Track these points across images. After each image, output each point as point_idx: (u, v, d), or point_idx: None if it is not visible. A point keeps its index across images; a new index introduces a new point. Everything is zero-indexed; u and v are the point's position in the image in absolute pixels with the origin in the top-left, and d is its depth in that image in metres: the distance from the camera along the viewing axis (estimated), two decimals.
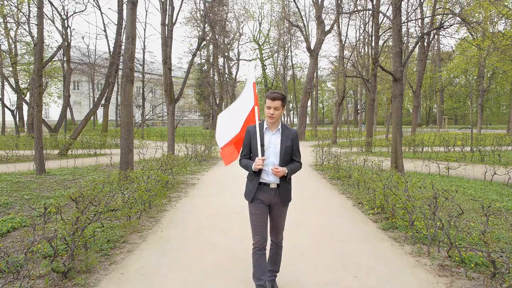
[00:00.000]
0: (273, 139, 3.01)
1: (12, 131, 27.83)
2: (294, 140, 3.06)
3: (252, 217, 3.06)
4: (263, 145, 2.98)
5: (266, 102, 2.94)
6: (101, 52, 28.40)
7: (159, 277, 3.54)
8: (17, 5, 15.73)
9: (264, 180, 3.01)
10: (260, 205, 3.03)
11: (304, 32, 25.08)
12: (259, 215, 3.04)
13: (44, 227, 3.79)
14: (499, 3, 11.30)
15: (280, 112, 2.98)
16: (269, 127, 3.05)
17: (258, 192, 3.02)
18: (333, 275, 3.58)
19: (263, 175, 3.01)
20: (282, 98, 2.94)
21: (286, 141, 3.00)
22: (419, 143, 16.28)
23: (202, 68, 34.77)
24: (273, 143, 3.00)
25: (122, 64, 9.52)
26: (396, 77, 9.69)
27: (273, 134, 3.02)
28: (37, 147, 9.62)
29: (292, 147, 3.03)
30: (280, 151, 2.98)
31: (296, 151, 3.09)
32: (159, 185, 6.73)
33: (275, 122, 3.00)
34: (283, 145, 2.98)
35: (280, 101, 2.93)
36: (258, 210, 3.03)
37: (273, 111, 2.94)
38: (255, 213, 3.03)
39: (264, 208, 3.03)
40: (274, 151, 2.99)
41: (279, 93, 2.93)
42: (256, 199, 3.04)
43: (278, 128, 3.03)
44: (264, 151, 2.99)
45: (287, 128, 3.09)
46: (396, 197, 5.05)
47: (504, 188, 7.96)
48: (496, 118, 49.44)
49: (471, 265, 3.65)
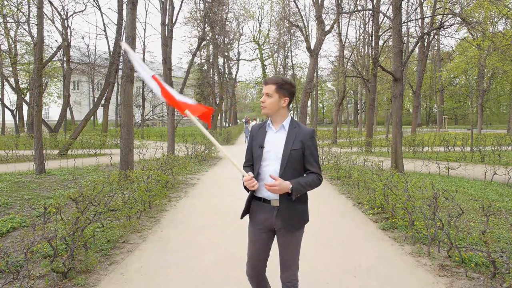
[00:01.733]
0: (275, 139, 2.28)
1: (12, 131, 27.83)
2: (307, 143, 2.25)
3: (249, 244, 2.39)
4: (262, 147, 2.27)
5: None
6: (101, 52, 28.42)
7: (159, 277, 3.54)
8: (17, 5, 15.73)
9: (263, 195, 2.26)
10: (258, 228, 2.31)
11: (304, 32, 25.04)
12: (254, 243, 2.33)
13: (44, 227, 3.79)
14: (499, 3, 11.30)
15: (275, 100, 2.24)
16: (272, 122, 2.34)
17: (257, 210, 2.32)
18: (333, 275, 3.58)
19: (258, 188, 2.26)
20: (277, 82, 2.23)
21: (292, 143, 2.22)
22: (419, 143, 16.28)
23: (202, 68, 34.76)
24: (274, 145, 2.27)
25: (122, 64, 9.52)
26: (396, 77, 9.69)
27: (276, 132, 2.30)
28: (37, 147, 9.62)
29: (302, 151, 2.24)
30: (282, 156, 2.22)
31: (310, 157, 2.26)
32: (159, 185, 6.72)
33: (273, 114, 2.30)
34: (287, 148, 2.22)
35: (274, 86, 2.23)
36: (255, 236, 2.33)
37: (264, 97, 2.26)
38: (251, 240, 2.35)
39: (264, 234, 2.31)
40: (275, 155, 2.24)
41: (275, 77, 2.27)
42: (254, 219, 2.34)
43: (283, 124, 2.30)
44: (263, 154, 2.27)
45: (299, 126, 2.30)
46: (396, 197, 5.05)
47: (504, 188, 7.96)
48: (496, 118, 49.43)
49: (471, 265, 3.64)
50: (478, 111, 31.09)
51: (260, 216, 2.29)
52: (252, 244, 2.34)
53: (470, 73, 24.81)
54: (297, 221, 2.29)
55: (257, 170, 2.26)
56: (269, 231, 2.31)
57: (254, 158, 2.32)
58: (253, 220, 2.35)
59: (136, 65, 2.42)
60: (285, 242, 2.29)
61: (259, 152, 2.29)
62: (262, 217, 2.28)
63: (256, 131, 2.40)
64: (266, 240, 2.32)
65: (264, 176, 2.25)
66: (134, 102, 26.41)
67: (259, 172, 2.26)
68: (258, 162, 2.28)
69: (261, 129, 2.37)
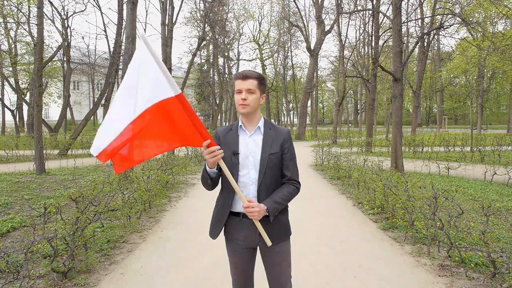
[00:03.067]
0: (250, 143, 1.99)
1: (12, 131, 27.84)
2: (285, 145, 2.02)
3: (231, 266, 2.12)
4: (237, 154, 1.98)
5: (236, 85, 1.97)
6: (101, 52, 28.39)
7: (159, 277, 3.54)
8: (17, 5, 15.72)
9: (243, 210, 1.93)
10: (239, 247, 2.02)
11: (304, 32, 25.10)
12: (238, 264, 2.07)
13: (44, 227, 3.79)
14: (499, 3, 11.30)
15: (257, 98, 1.97)
16: (245, 124, 2.03)
17: (235, 228, 2.01)
18: (333, 275, 3.58)
19: (235, 201, 1.98)
20: (258, 77, 1.96)
21: (270, 146, 1.98)
22: (419, 143, 16.29)
23: (202, 68, 34.77)
24: (250, 150, 1.98)
25: (122, 64, 9.53)
26: (396, 77, 9.69)
27: (251, 136, 2.01)
28: (37, 147, 9.62)
29: (281, 155, 2.00)
30: (260, 162, 1.96)
31: (289, 161, 2.02)
32: (159, 185, 6.73)
33: (251, 114, 1.99)
34: (266, 152, 1.96)
35: (256, 81, 1.95)
36: (236, 257, 2.05)
37: (245, 94, 1.93)
38: (233, 262, 2.08)
39: (247, 254, 2.04)
40: (253, 162, 1.97)
41: (253, 71, 1.99)
42: (233, 238, 2.03)
43: (258, 126, 2.02)
44: (239, 162, 1.97)
45: (275, 127, 2.07)
46: (396, 197, 5.05)
47: (504, 188, 7.96)
48: (496, 118, 49.44)
49: (471, 265, 3.64)
50: (478, 111, 31.10)
51: (240, 234, 2.00)
52: (235, 266, 2.08)
53: (470, 73, 24.78)
54: (282, 233, 2.04)
55: (235, 181, 1.95)
56: (250, 250, 2.05)
57: (227, 167, 1.92)
58: (231, 239, 2.05)
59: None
60: (274, 260, 2.04)
61: (234, 160, 1.97)
62: (242, 234, 2.00)
63: (223, 136, 2.06)
64: (249, 259, 2.07)
65: (244, 187, 1.97)
66: None
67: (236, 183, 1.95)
68: (235, 172, 1.96)
69: (231, 132, 2.04)
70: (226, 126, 2.11)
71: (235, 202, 1.99)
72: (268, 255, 2.04)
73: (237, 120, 2.10)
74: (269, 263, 2.06)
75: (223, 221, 2.02)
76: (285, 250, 2.06)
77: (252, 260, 2.10)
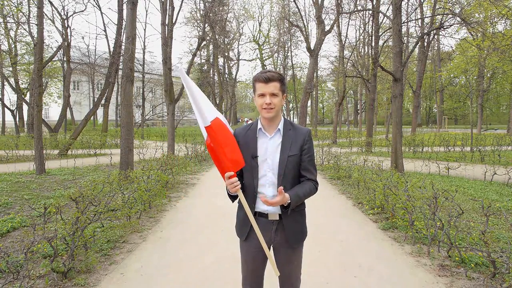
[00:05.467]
0: (270, 146, 1.98)
1: (12, 131, 27.85)
2: (305, 146, 1.99)
3: (242, 263, 2.14)
4: (256, 157, 1.96)
5: (257, 88, 1.93)
6: (101, 52, 28.39)
7: (159, 277, 3.54)
8: (17, 5, 15.72)
9: (260, 209, 2.00)
10: (254, 246, 2.04)
11: (304, 32, 25.07)
12: (251, 263, 2.09)
13: (44, 227, 3.79)
14: (499, 3, 11.29)
15: (280, 100, 1.95)
16: (265, 127, 2.01)
17: (251, 226, 2.03)
18: (333, 275, 3.58)
19: (257, 201, 2.01)
20: (280, 79, 1.93)
21: (289, 148, 1.95)
22: (419, 143, 16.29)
23: (202, 68, 34.77)
24: (269, 153, 1.97)
25: (122, 64, 9.52)
26: (396, 77, 9.69)
27: (271, 138, 1.99)
28: (37, 147, 9.62)
29: (300, 156, 1.98)
30: (279, 164, 1.94)
31: (308, 163, 2.00)
32: (159, 185, 6.73)
33: (275, 118, 1.97)
34: (284, 154, 1.94)
35: (279, 83, 1.92)
36: (250, 255, 2.07)
37: (270, 98, 1.90)
38: (246, 260, 2.10)
39: (261, 252, 2.04)
40: (271, 164, 1.96)
41: (275, 72, 1.93)
42: (249, 236, 2.06)
43: (278, 128, 1.99)
44: (258, 165, 1.97)
45: (294, 126, 2.02)
46: (396, 197, 5.05)
47: (504, 188, 7.96)
48: (496, 118, 49.42)
49: (471, 265, 3.64)
50: (478, 111, 31.10)
51: (255, 232, 1.99)
52: (248, 264, 2.10)
53: (470, 73, 24.78)
54: (299, 234, 2.05)
55: (255, 185, 1.97)
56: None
57: (246, 170, 1.98)
58: (247, 237, 2.07)
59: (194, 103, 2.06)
60: (287, 259, 2.07)
61: (253, 163, 1.96)
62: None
63: (242, 136, 2.03)
64: (263, 258, 2.07)
65: (263, 189, 1.98)
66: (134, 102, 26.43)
67: (257, 186, 1.98)
68: (254, 175, 1.97)
69: (249, 133, 2.03)
70: (244, 126, 2.10)
71: (255, 202, 2.04)
72: (284, 254, 2.08)
73: (256, 120, 2.07)
74: (283, 262, 2.09)
75: (244, 219, 2.05)
76: (300, 249, 2.12)
77: (265, 259, 2.10)
